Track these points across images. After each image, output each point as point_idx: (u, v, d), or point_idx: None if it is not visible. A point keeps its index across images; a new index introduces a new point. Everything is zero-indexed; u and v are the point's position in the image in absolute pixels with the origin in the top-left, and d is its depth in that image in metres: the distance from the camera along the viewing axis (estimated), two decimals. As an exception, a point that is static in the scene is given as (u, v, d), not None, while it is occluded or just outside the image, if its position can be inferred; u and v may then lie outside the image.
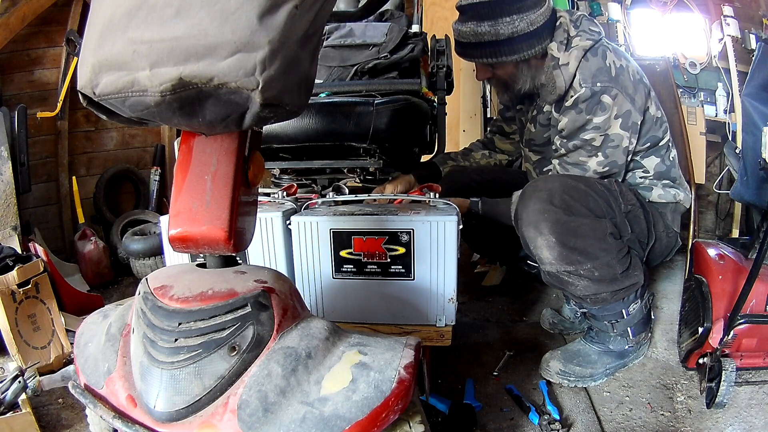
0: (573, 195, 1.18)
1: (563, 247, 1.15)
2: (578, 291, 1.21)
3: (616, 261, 1.19)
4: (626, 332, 1.32)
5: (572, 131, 1.29)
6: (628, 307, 1.27)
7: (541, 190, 1.19)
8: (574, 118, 1.27)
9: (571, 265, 1.17)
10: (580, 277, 1.19)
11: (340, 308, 1.17)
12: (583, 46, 1.25)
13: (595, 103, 1.24)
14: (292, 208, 1.20)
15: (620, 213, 1.24)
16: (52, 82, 2.43)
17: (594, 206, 1.19)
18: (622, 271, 1.21)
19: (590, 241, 1.16)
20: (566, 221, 1.15)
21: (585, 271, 1.17)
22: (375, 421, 0.63)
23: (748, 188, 1.59)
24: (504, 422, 1.19)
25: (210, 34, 0.54)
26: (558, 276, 1.20)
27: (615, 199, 1.24)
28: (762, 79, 1.58)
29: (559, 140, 1.34)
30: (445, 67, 1.50)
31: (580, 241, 1.16)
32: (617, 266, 1.20)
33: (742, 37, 2.23)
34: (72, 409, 1.26)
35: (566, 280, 1.20)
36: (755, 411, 1.19)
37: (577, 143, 1.29)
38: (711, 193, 2.31)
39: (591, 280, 1.19)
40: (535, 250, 1.19)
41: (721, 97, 2.30)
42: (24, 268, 1.49)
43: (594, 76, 1.24)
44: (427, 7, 2.79)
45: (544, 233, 1.16)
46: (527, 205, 1.19)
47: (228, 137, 0.71)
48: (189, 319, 0.67)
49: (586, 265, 1.17)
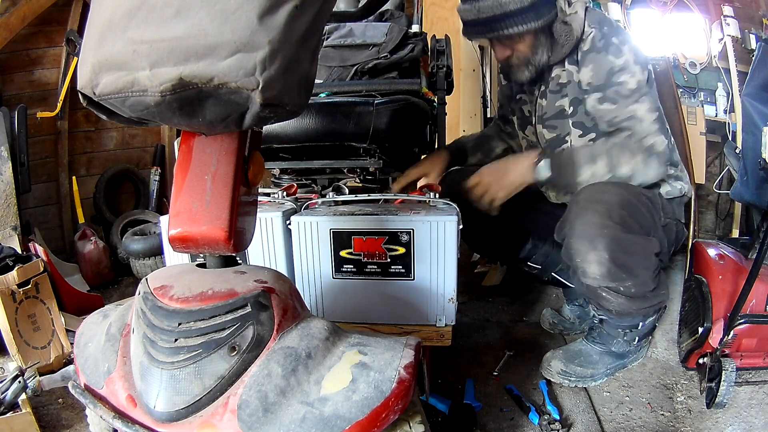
0: (629, 210, 1.14)
1: (613, 263, 1.11)
2: (611, 306, 1.18)
3: (651, 279, 1.17)
4: (633, 339, 1.32)
5: (602, 79, 1.22)
6: (646, 320, 1.27)
7: (599, 202, 1.14)
8: (598, 61, 1.22)
9: (614, 282, 1.14)
10: (617, 294, 1.16)
11: (340, 308, 1.17)
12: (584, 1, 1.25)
13: (609, 44, 1.21)
14: (292, 208, 1.20)
15: (660, 227, 1.22)
16: (52, 82, 2.43)
17: (644, 222, 1.16)
18: (653, 289, 1.19)
19: (638, 260, 1.14)
20: (622, 239, 1.12)
21: (624, 288, 1.15)
22: (375, 421, 0.63)
23: (748, 188, 1.59)
24: (504, 422, 1.19)
25: (210, 34, 0.54)
26: (596, 291, 1.17)
27: (657, 212, 1.21)
28: (762, 79, 1.58)
29: (593, 101, 1.23)
30: (445, 67, 1.50)
31: (630, 258, 1.13)
32: (651, 284, 1.18)
33: (742, 37, 2.23)
34: (72, 409, 1.26)
35: (604, 295, 1.17)
36: (755, 411, 1.19)
37: (618, 90, 1.20)
38: (711, 193, 2.31)
39: (627, 297, 1.16)
40: (582, 263, 1.15)
41: (721, 97, 2.30)
42: (24, 268, 1.49)
43: (600, 21, 1.23)
44: (427, 7, 2.79)
45: (598, 249, 1.11)
46: (582, 217, 1.14)
47: (228, 137, 0.71)
48: (189, 319, 0.67)
49: (627, 282, 1.14)
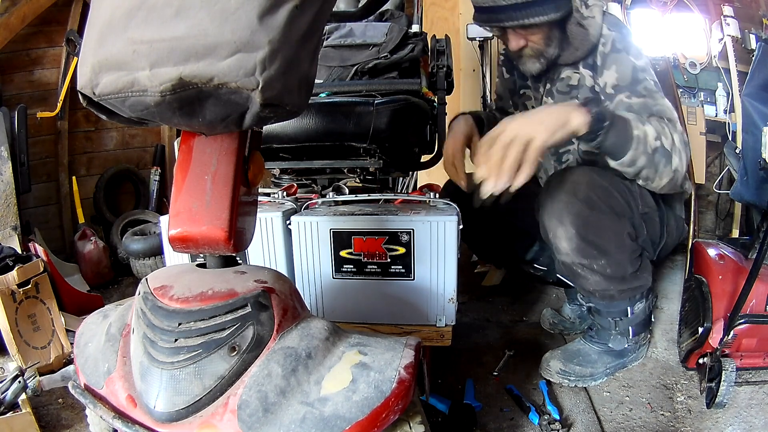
0: (597, 191, 1.18)
1: (581, 240, 1.16)
2: (589, 285, 1.23)
3: (628, 261, 1.21)
4: (627, 331, 1.33)
5: (628, 79, 1.23)
6: (633, 306, 1.29)
7: (567, 182, 1.19)
8: (621, 61, 1.23)
9: (586, 258, 1.19)
10: (592, 272, 1.20)
11: (340, 308, 1.17)
12: (600, 5, 1.25)
13: (629, 45, 1.23)
14: (292, 208, 1.20)
15: (638, 214, 1.25)
16: (52, 82, 2.44)
17: (615, 204, 1.20)
18: (632, 272, 1.23)
19: (608, 238, 1.18)
20: (588, 215, 1.16)
21: (598, 267, 1.19)
22: (375, 422, 0.63)
23: (748, 188, 1.59)
24: (504, 422, 1.19)
25: (210, 34, 0.54)
26: (572, 268, 1.22)
27: (634, 199, 1.24)
28: (762, 79, 1.59)
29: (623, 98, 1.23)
30: (445, 67, 1.49)
31: (599, 236, 1.17)
32: (628, 266, 1.21)
33: (742, 37, 2.23)
34: (72, 409, 1.26)
35: (579, 273, 1.22)
36: (755, 411, 1.19)
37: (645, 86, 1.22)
38: (711, 193, 2.31)
39: (603, 276, 1.20)
40: (554, 239, 1.21)
41: (721, 97, 2.30)
42: (24, 268, 1.49)
43: (618, 24, 1.25)
44: (427, 7, 2.78)
45: (565, 224, 1.17)
46: (552, 196, 1.19)
47: (228, 137, 0.71)
48: (189, 320, 0.67)
49: (600, 260, 1.18)
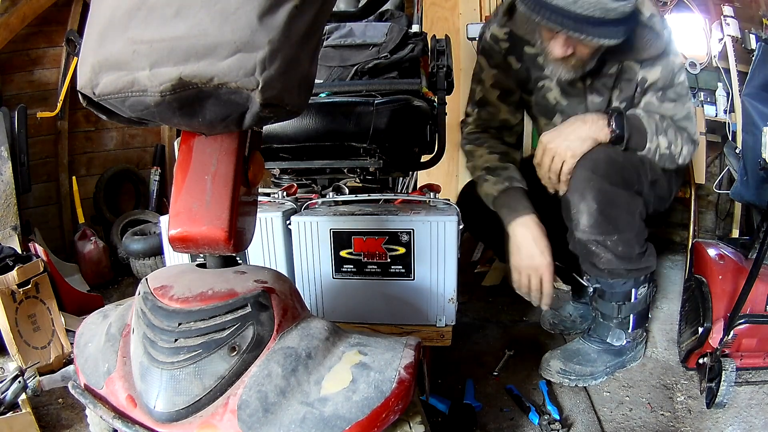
0: (614, 166, 1.21)
1: (600, 214, 1.19)
2: (600, 263, 1.25)
3: (636, 241, 1.23)
4: (627, 321, 1.33)
5: (668, 80, 1.25)
6: (638, 290, 1.31)
7: (587, 158, 1.21)
8: (666, 62, 1.25)
9: (601, 234, 1.21)
10: (605, 249, 1.22)
11: (340, 308, 1.17)
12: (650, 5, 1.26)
13: (671, 42, 1.25)
14: (292, 208, 1.20)
15: (647, 183, 1.27)
16: (52, 82, 2.43)
17: (630, 179, 1.22)
18: (639, 253, 1.25)
19: (622, 214, 1.20)
20: (608, 191, 1.19)
21: (611, 243, 1.21)
22: (375, 422, 0.63)
23: (748, 188, 1.59)
24: (504, 422, 1.19)
25: (210, 34, 0.54)
26: (587, 245, 1.24)
27: (645, 170, 1.27)
28: (762, 79, 1.59)
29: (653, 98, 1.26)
30: (445, 67, 1.49)
31: (615, 212, 1.20)
32: (636, 246, 1.24)
33: (742, 37, 2.22)
34: (72, 409, 1.26)
35: (593, 250, 1.24)
36: (755, 411, 1.19)
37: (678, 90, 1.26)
38: (711, 193, 2.31)
39: (614, 254, 1.23)
40: (576, 214, 1.22)
41: (721, 97, 2.29)
42: (24, 268, 1.49)
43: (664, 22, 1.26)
44: (427, 7, 2.78)
45: (587, 199, 1.19)
46: (574, 173, 1.22)
47: (228, 137, 0.71)
48: (189, 320, 0.67)
49: (613, 236, 1.21)
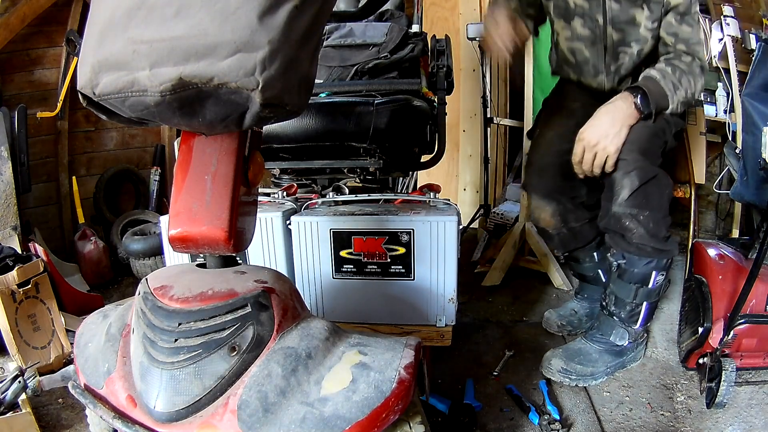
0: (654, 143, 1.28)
1: (638, 190, 1.23)
2: (632, 236, 1.27)
3: (663, 223, 1.27)
4: (638, 311, 1.34)
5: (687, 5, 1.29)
6: (657, 274, 1.32)
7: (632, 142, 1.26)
8: None
9: (636, 208, 1.25)
10: (638, 223, 1.25)
11: (340, 308, 1.17)
12: None
13: None
14: (292, 208, 1.20)
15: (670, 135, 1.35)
16: (52, 82, 2.43)
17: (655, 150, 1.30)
18: (665, 236, 1.28)
19: (656, 192, 1.25)
20: (648, 169, 1.24)
21: (644, 218, 1.25)
22: (375, 422, 0.63)
23: (748, 188, 1.59)
24: (504, 422, 1.19)
25: (210, 34, 0.54)
26: (621, 219, 1.27)
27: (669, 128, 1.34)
28: (762, 79, 1.59)
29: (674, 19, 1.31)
30: (445, 67, 1.49)
31: (650, 188, 1.24)
32: (663, 228, 1.28)
33: (742, 37, 2.22)
34: (72, 409, 1.26)
35: (627, 224, 1.26)
36: (755, 411, 1.19)
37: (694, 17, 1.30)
38: (711, 193, 2.31)
39: (646, 229, 1.26)
40: (618, 190, 1.26)
41: (721, 97, 2.29)
42: (24, 268, 1.49)
43: None
44: (427, 7, 2.79)
45: (631, 176, 1.23)
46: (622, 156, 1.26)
47: (228, 137, 0.71)
48: (189, 320, 0.67)
49: (645, 211, 1.25)
